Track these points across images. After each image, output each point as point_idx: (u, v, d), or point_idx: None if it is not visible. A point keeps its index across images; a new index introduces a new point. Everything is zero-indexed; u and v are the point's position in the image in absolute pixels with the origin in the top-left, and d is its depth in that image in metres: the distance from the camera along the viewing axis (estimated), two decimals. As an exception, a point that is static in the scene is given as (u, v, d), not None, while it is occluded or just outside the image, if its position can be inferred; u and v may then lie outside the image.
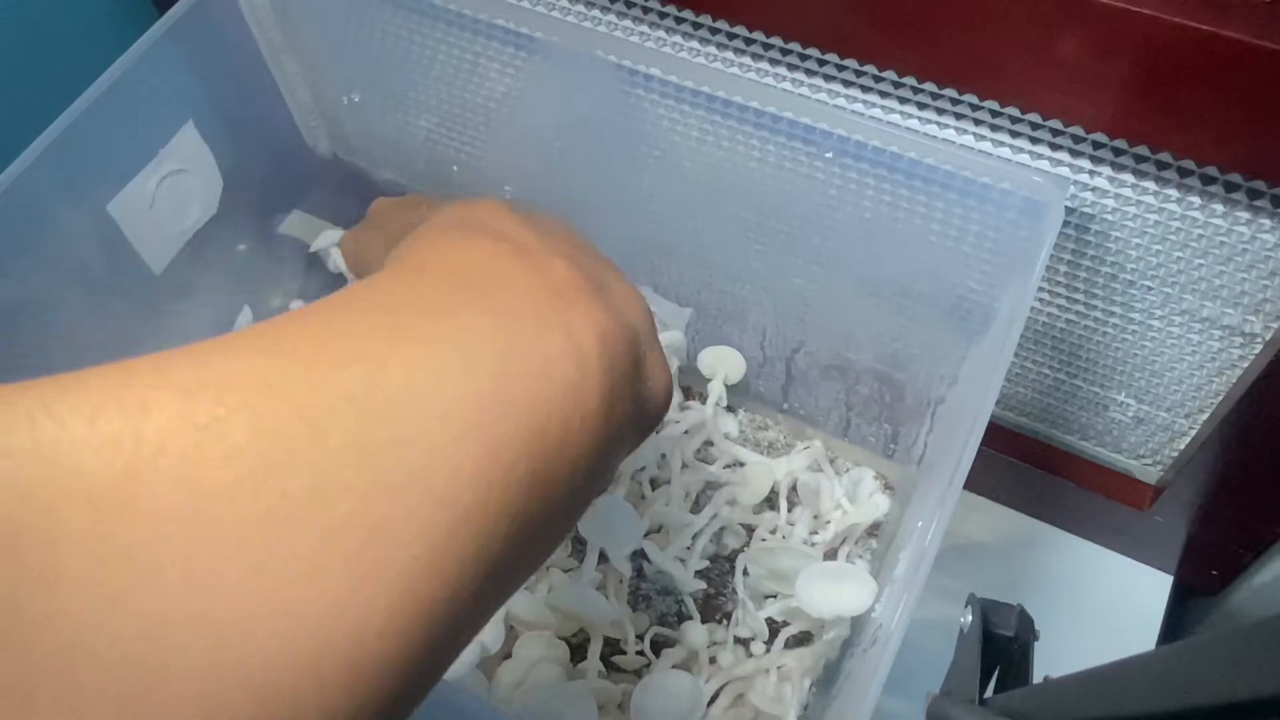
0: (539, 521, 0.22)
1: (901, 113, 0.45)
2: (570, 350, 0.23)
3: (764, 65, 0.47)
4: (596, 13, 0.50)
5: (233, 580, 0.17)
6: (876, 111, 0.46)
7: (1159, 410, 0.51)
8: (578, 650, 0.56)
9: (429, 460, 0.20)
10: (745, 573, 0.56)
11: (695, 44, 0.48)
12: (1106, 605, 0.60)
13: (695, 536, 0.58)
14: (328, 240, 0.65)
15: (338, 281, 0.68)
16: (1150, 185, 0.42)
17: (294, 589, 0.17)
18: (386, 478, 0.19)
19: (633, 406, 0.26)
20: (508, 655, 0.53)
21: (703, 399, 0.62)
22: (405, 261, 0.26)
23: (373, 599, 0.18)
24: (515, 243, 0.26)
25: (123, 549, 0.16)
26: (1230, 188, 0.40)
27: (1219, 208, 0.41)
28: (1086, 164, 0.42)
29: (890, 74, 0.44)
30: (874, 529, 0.59)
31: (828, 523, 0.58)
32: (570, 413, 0.23)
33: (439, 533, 0.19)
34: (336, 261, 0.65)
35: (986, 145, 0.44)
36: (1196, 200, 0.41)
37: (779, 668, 0.53)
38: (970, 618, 0.41)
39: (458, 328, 0.22)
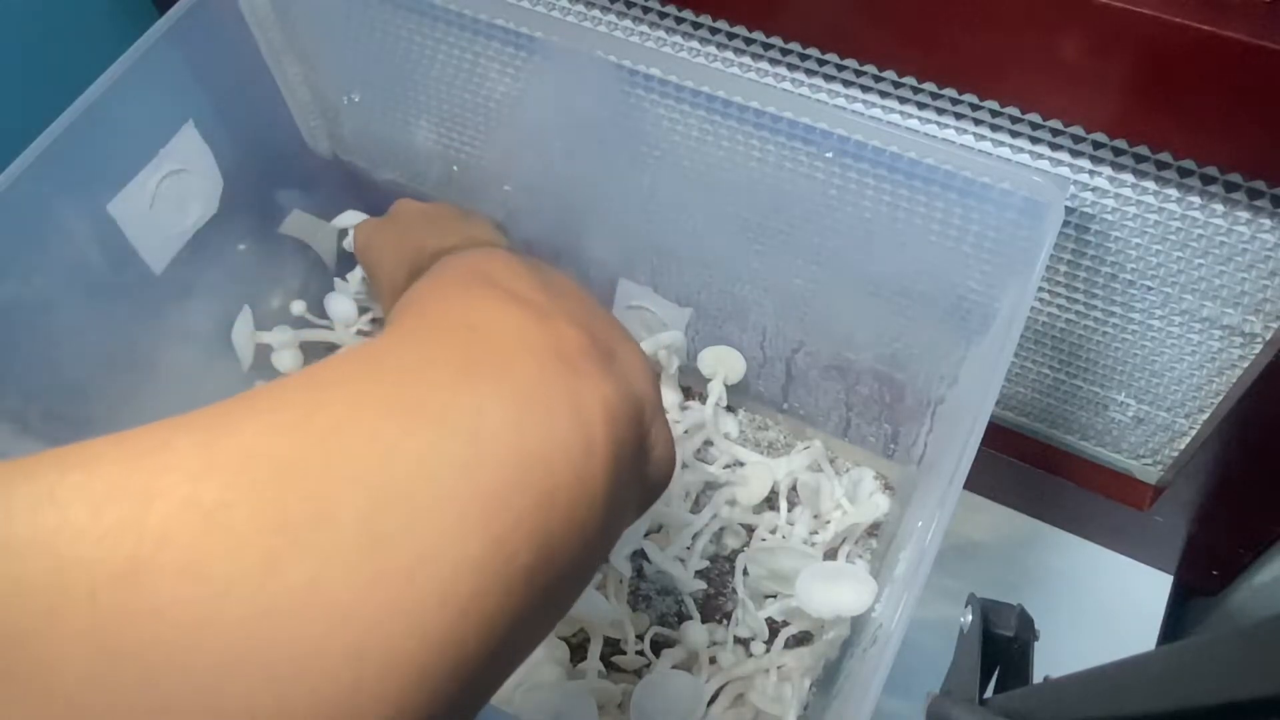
0: (540, 603, 0.22)
1: (901, 113, 0.45)
2: (578, 433, 0.23)
3: (764, 65, 0.47)
4: (596, 13, 0.50)
5: (231, 680, 0.17)
6: (876, 111, 0.46)
7: (1159, 410, 0.51)
8: (578, 650, 0.56)
9: (434, 551, 0.19)
10: (745, 573, 0.56)
11: (695, 44, 0.48)
12: (1106, 605, 0.60)
13: (695, 536, 0.58)
14: (349, 220, 0.65)
15: (348, 261, 0.68)
16: (1150, 185, 0.42)
17: (292, 685, 0.17)
18: (390, 569, 0.19)
19: (637, 482, 0.26)
20: (508, 655, 0.53)
21: (703, 399, 0.62)
22: (418, 318, 0.26)
23: (374, 695, 0.18)
24: (526, 302, 0.26)
25: (123, 652, 0.16)
26: (1230, 188, 0.40)
27: (1219, 208, 0.41)
28: (1086, 164, 0.42)
29: (890, 74, 0.44)
30: (874, 529, 0.59)
31: (828, 523, 0.58)
32: (576, 497, 0.22)
33: (439, 627, 0.19)
34: (351, 242, 0.65)
35: (986, 145, 0.44)
36: (1196, 200, 0.41)
37: (779, 668, 0.53)
38: (970, 618, 0.41)
39: (470, 408, 0.22)
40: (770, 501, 0.60)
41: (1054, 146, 0.43)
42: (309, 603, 0.18)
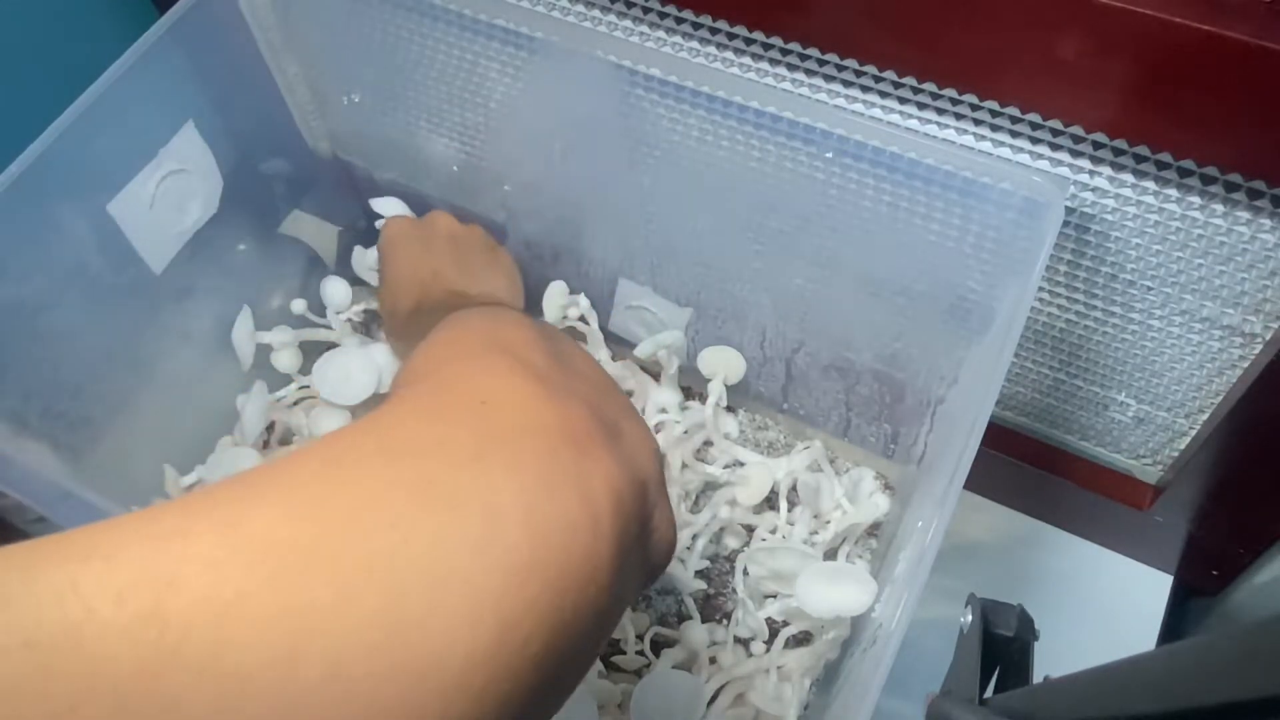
0: (550, 685, 0.22)
1: (901, 113, 0.45)
2: (587, 514, 0.23)
3: (764, 65, 0.47)
4: (596, 13, 0.50)
5: None
6: (876, 111, 0.46)
7: (1159, 410, 0.51)
8: (578, 650, 0.55)
9: (447, 641, 0.19)
10: (745, 573, 0.56)
11: (695, 44, 0.48)
12: (1106, 605, 0.60)
13: (695, 536, 0.58)
14: (388, 208, 0.63)
15: (347, 261, 0.68)
16: (1150, 185, 0.42)
17: None
18: (408, 661, 0.19)
19: (640, 562, 0.27)
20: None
21: (703, 399, 0.62)
22: (434, 390, 0.26)
23: None
24: (539, 377, 0.26)
25: None
26: (1230, 188, 0.40)
27: (1219, 208, 0.41)
28: (1086, 164, 0.42)
29: (890, 74, 0.44)
30: (874, 529, 0.59)
31: (828, 523, 0.58)
32: (586, 579, 0.23)
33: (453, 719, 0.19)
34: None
35: (986, 145, 0.44)
36: (1196, 200, 0.41)
37: (779, 668, 0.53)
38: (970, 618, 0.41)
39: (484, 487, 0.22)
40: (770, 501, 0.60)
41: (1054, 146, 0.43)
42: (328, 698, 0.18)
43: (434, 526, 0.20)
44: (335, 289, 0.66)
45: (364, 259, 0.67)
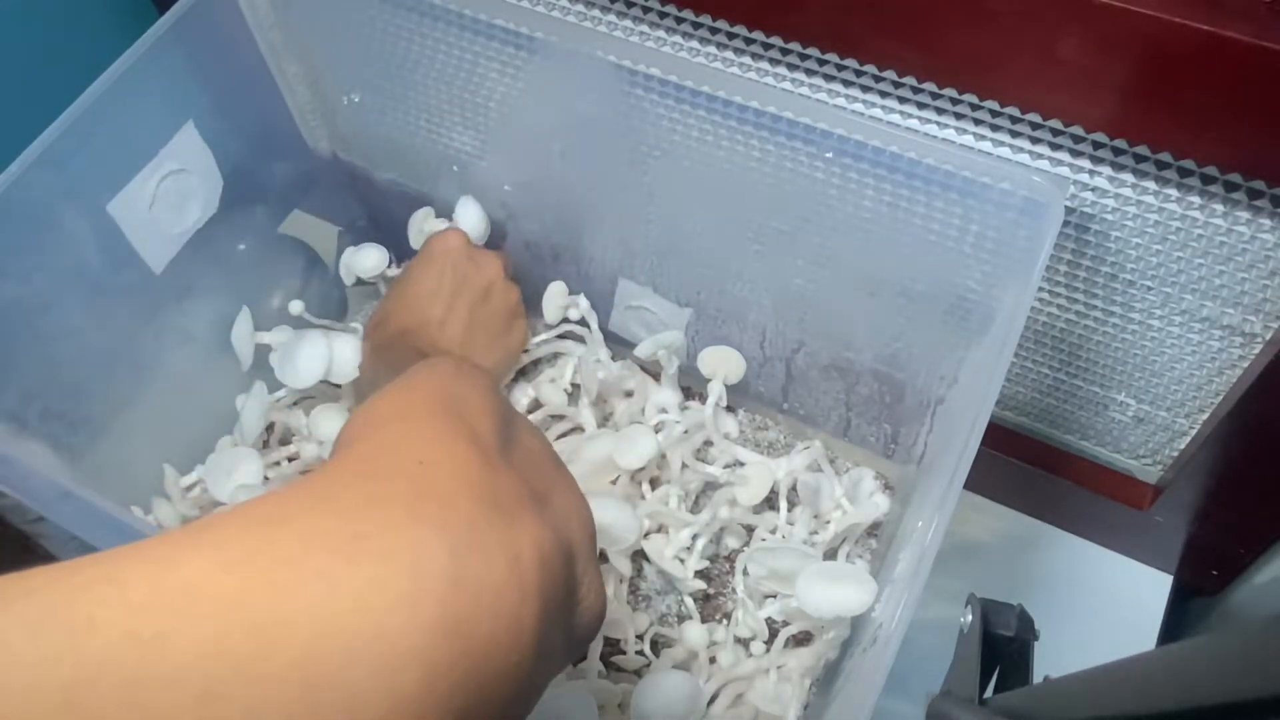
0: None
1: (901, 113, 0.45)
2: (513, 578, 0.23)
3: (764, 65, 0.47)
4: (596, 13, 0.50)
5: None
6: (876, 111, 0.46)
7: (1159, 410, 0.51)
8: (578, 650, 0.56)
9: (369, 686, 0.20)
10: (745, 573, 0.56)
11: (695, 44, 0.48)
12: (1106, 605, 0.60)
13: (695, 536, 0.58)
14: (470, 218, 0.62)
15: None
16: (1150, 185, 0.42)
17: None
18: (327, 705, 0.19)
19: (564, 631, 0.27)
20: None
21: (703, 399, 0.62)
22: (371, 451, 0.26)
23: None
24: (478, 442, 0.27)
25: None
26: (1230, 188, 0.40)
27: (1219, 208, 0.41)
28: (1086, 164, 0.42)
29: (890, 74, 0.44)
30: (874, 529, 0.59)
31: (828, 523, 0.58)
32: (510, 642, 0.23)
33: None
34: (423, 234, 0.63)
35: (986, 145, 0.44)
36: (1196, 200, 0.41)
37: (779, 668, 0.53)
38: (970, 618, 0.41)
39: (415, 547, 0.22)
40: (770, 501, 0.60)
41: (1054, 146, 0.43)
42: None
43: (360, 581, 0.21)
44: (369, 255, 0.65)
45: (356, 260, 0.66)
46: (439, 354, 0.54)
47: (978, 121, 0.44)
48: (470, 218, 0.61)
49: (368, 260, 0.64)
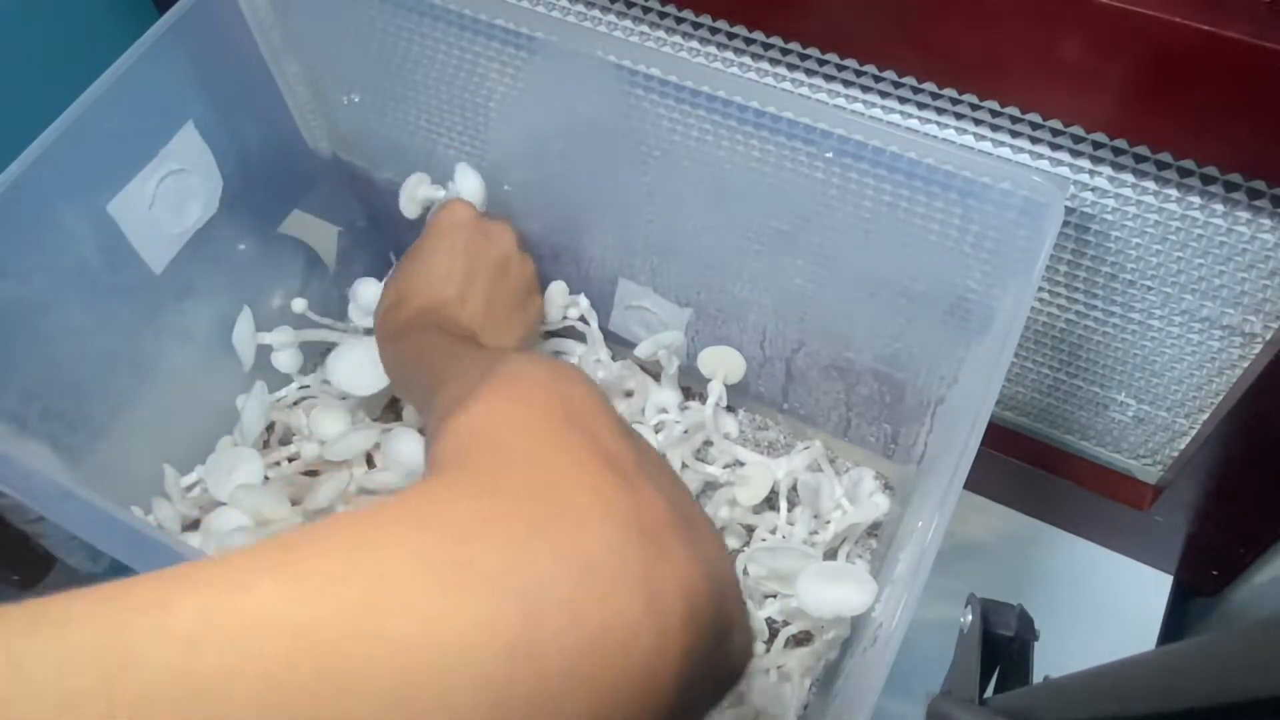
0: None
1: (901, 113, 0.45)
2: (651, 619, 0.20)
3: (764, 65, 0.47)
4: (596, 13, 0.50)
5: None
6: (876, 111, 0.46)
7: (1159, 410, 0.51)
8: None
9: None
10: (745, 573, 0.56)
11: (695, 44, 0.48)
12: (1106, 605, 0.60)
13: (695, 536, 0.58)
14: (469, 185, 0.60)
15: (348, 261, 0.68)
16: (1150, 185, 0.42)
17: None
18: None
19: (712, 675, 0.23)
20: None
21: (703, 399, 0.62)
22: (492, 467, 0.23)
23: None
24: (610, 457, 0.23)
25: None
26: (1230, 188, 0.40)
27: (1219, 208, 0.41)
28: (1086, 164, 0.42)
29: (890, 74, 0.44)
30: (874, 529, 0.59)
31: (828, 523, 0.58)
32: (640, 695, 0.20)
33: None
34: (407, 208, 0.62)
35: (986, 145, 0.44)
36: (1196, 200, 0.41)
37: (779, 668, 0.53)
38: (970, 618, 0.41)
39: (528, 580, 0.19)
40: (770, 501, 0.60)
41: (1054, 146, 0.43)
42: None
43: (464, 619, 0.18)
44: (368, 290, 0.65)
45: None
46: (462, 333, 0.50)
47: (978, 121, 0.44)
48: (469, 186, 0.58)
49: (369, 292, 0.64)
